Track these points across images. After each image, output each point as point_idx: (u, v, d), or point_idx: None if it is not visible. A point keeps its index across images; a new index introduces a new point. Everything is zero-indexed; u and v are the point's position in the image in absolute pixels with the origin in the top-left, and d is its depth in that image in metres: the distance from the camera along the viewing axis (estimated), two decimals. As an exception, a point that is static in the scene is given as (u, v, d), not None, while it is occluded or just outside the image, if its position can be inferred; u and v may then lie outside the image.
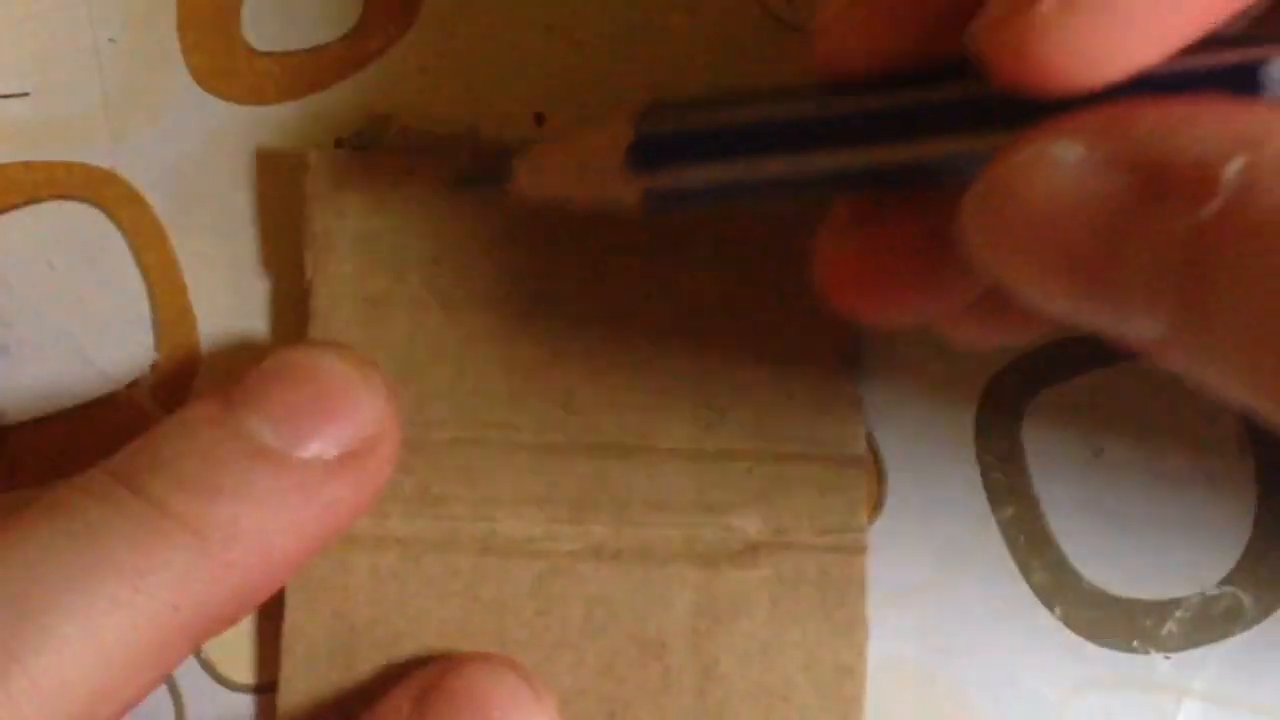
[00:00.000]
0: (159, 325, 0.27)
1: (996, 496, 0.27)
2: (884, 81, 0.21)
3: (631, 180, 0.23)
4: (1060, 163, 0.18)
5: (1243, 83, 0.19)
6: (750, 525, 0.26)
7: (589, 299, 0.27)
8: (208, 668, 0.27)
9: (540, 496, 0.27)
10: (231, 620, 0.24)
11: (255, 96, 0.28)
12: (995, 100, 0.19)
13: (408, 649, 0.26)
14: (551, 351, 0.27)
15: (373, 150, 0.27)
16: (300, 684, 0.26)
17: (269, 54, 0.28)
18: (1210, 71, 0.19)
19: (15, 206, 0.27)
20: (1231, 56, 0.19)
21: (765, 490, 0.26)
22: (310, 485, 0.24)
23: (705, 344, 0.27)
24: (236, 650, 0.27)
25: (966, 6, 0.19)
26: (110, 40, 0.28)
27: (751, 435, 0.27)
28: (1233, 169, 0.17)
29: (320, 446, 0.24)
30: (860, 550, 0.26)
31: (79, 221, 0.27)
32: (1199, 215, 0.17)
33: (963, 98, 0.20)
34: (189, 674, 0.27)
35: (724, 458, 0.27)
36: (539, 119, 0.28)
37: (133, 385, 0.27)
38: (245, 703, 0.27)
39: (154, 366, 0.27)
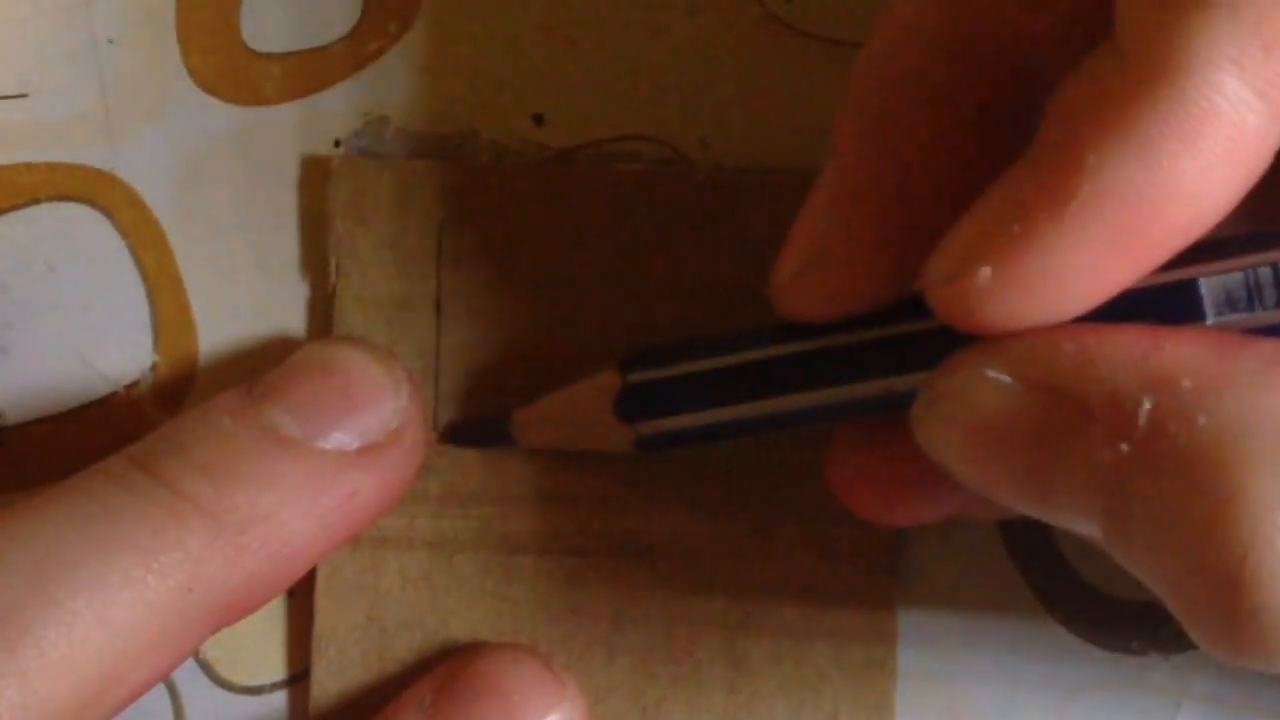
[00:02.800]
0: (158, 327, 0.27)
1: (996, 498, 0.27)
2: (850, 323, 0.23)
3: (623, 428, 0.25)
4: (992, 384, 0.20)
5: (1183, 301, 0.20)
6: (779, 519, 0.27)
7: (611, 296, 0.27)
8: (207, 669, 0.27)
9: (569, 493, 0.27)
10: (248, 608, 0.24)
11: (254, 97, 0.28)
12: (950, 331, 0.20)
13: (439, 649, 0.26)
14: (575, 349, 0.27)
15: (390, 155, 0.27)
16: (333, 686, 0.26)
17: (268, 55, 0.28)
18: (1149, 291, 0.20)
19: (14, 208, 0.27)
20: (1167, 277, 0.20)
21: (793, 483, 0.27)
22: (329, 474, 0.24)
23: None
24: (236, 652, 0.27)
25: (910, 266, 0.21)
26: (109, 41, 0.28)
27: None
28: (1144, 410, 0.18)
29: (341, 437, 0.24)
30: (890, 542, 0.27)
31: (78, 223, 0.27)
32: (1118, 448, 0.18)
33: (919, 331, 0.22)
34: (188, 676, 0.27)
35: (751, 451, 0.27)
36: (538, 120, 0.28)
37: (132, 386, 0.27)
38: (245, 705, 0.27)
39: (153, 368, 0.27)
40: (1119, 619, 0.27)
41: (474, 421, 0.27)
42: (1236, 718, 0.27)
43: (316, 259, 0.27)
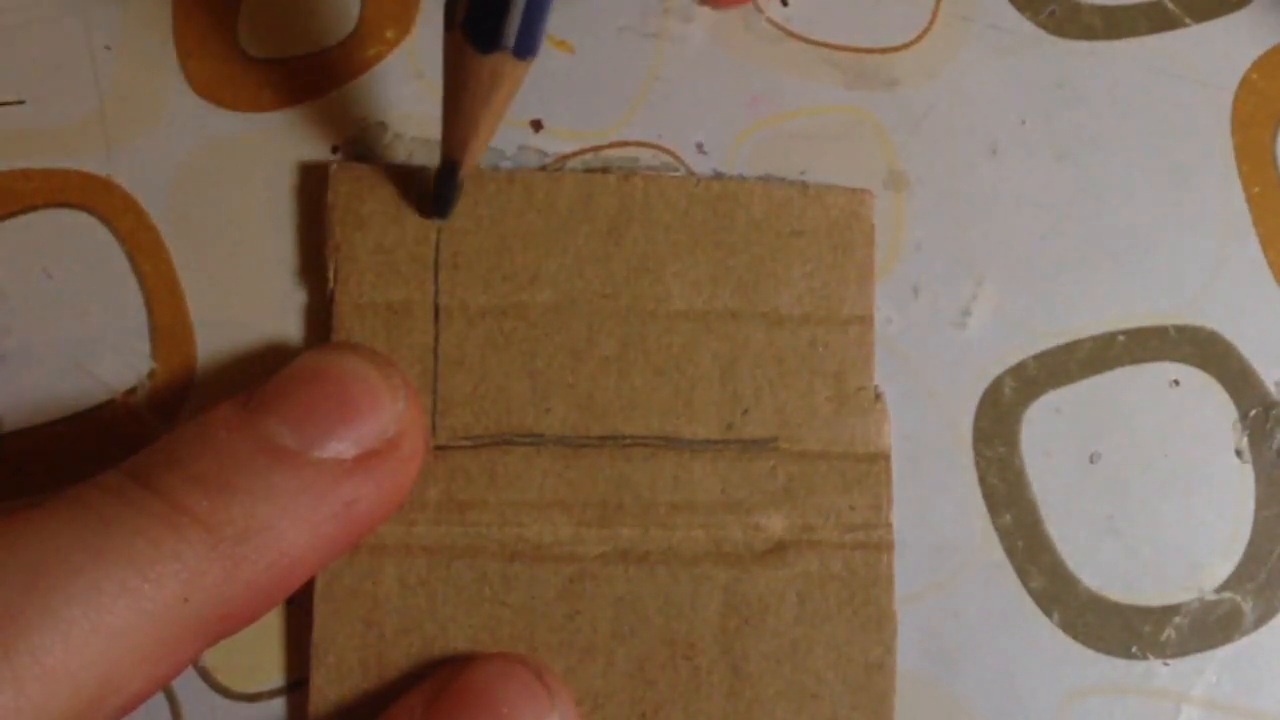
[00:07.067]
0: (156, 333, 0.27)
1: (995, 502, 0.27)
2: None
3: None
4: None
5: None
6: (776, 524, 0.27)
7: (608, 301, 0.27)
8: (205, 676, 0.27)
9: (566, 500, 0.27)
10: (246, 619, 0.24)
11: (251, 104, 0.28)
12: None
13: (438, 656, 0.26)
14: (572, 355, 0.27)
15: (387, 161, 0.28)
16: (331, 692, 0.26)
17: (265, 61, 0.28)
18: None
19: (12, 214, 0.27)
20: None
21: (790, 488, 0.27)
22: (326, 484, 0.24)
23: (726, 341, 0.27)
24: (235, 658, 0.27)
25: None
26: (106, 47, 0.28)
27: (775, 432, 0.27)
28: None
29: (339, 446, 0.24)
30: (886, 546, 0.27)
31: (76, 229, 0.27)
32: None
33: None
34: (187, 682, 0.27)
35: (748, 457, 0.27)
36: (536, 125, 0.28)
37: (129, 393, 0.27)
38: (243, 711, 0.27)
39: (151, 374, 0.27)
40: (1118, 624, 0.27)
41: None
42: (1236, 721, 0.27)
43: (314, 265, 0.27)
